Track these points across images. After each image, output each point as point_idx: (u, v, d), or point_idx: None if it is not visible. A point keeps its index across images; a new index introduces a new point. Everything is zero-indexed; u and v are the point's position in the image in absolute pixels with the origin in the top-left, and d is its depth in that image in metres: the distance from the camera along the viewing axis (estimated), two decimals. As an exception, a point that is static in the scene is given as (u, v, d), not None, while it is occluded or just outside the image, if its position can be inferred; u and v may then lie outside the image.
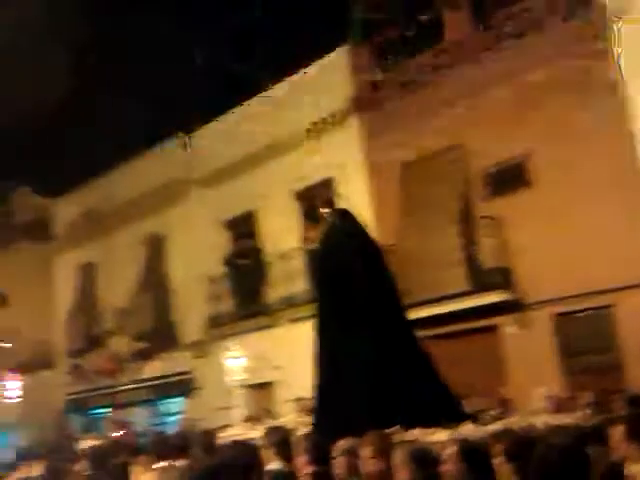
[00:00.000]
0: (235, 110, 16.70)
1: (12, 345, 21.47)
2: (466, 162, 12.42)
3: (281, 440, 5.80)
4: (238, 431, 8.34)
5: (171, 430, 13.63)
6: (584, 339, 11.27)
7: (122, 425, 17.02)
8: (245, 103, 16.44)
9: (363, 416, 6.60)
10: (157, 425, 17.57)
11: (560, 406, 9.29)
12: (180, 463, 6.02)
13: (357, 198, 13.96)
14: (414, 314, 12.15)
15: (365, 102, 13.88)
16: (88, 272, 20.78)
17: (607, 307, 10.91)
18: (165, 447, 6.48)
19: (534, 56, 11.60)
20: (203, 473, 4.71)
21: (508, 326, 11.73)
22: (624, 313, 10.62)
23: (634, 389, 9.71)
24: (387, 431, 5.71)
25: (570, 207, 11.09)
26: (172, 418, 17.57)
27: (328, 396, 7.59)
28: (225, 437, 7.91)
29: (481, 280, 11.80)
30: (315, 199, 15.07)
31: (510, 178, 11.89)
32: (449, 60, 12.56)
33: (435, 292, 11.88)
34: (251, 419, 12.42)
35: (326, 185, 14.80)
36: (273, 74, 15.73)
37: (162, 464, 6.15)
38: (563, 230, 11.14)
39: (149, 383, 17.71)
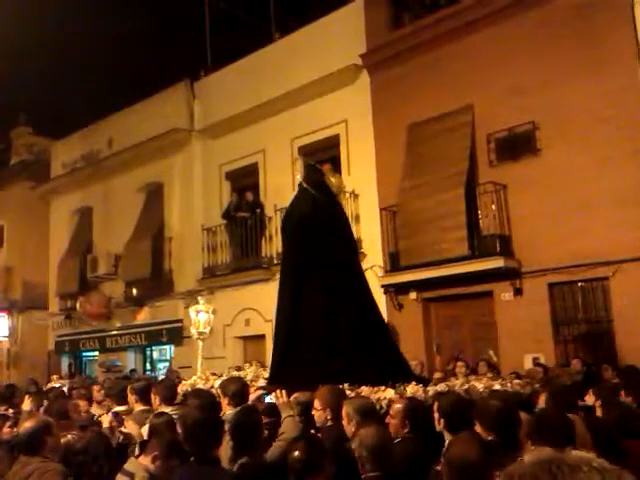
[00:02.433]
0: (244, 60, 16.49)
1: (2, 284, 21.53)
2: (474, 126, 12.35)
3: (236, 391, 5.95)
4: (200, 381, 8.45)
5: (159, 376, 13.80)
6: (578, 309, 11.38)
7: (109, 368, 17.21)
8: (254, 53, 16.24)
9: (316, 371, 6.88)
10: (146, 371, 17.74)
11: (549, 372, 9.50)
12: (139, 408, 6.17)
13: (362, 157, 13.94)
14: (413, 276, 12.33)
15: (377, 59, 13.71)
16: (85, 216, 20.70)
17: (603, 279, 10.98)
18: (123, 392, 6.61)
19: (555, 21, 11.51)
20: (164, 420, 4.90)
21: (504, 293, 11.79)
22: (619, 286, 10.70)
23: (624, 360, 9.87)
24: (338, 386, 5.97)
25: (574, 178, 11.08)
26: (162, 364, 17.73)
27: (284, 350, 7.86)
28: (187, 386, 8.06)
29: (480, 246, 11.83)
30: (319, 156, 15.01)
31: (518, 145, 11.86)
32: (465, 20, 12.40)
33: (435, 255, 11.90)
34: (241, 370, 12.59)
35: (331, 142, 14.70)
36: (284, 25, 15.53)
37: (121, 408, 6.25)
38: (565, 201, 11.16)
39: (140, 329, 17.76)
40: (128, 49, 22.26)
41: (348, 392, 6.12)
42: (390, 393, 6.28)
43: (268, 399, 6.27)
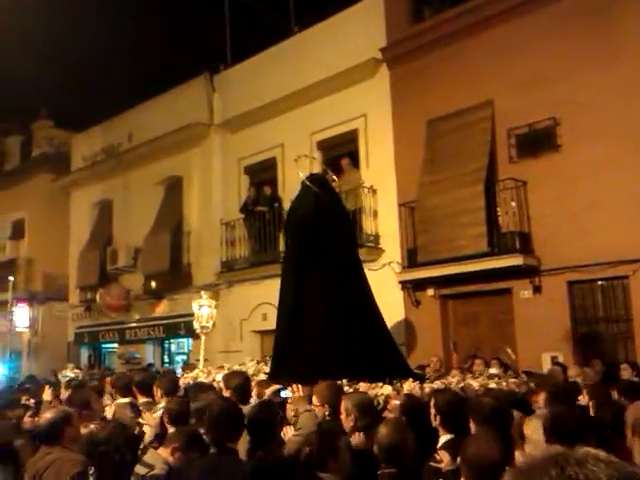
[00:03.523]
0: (263, 54, 16.45)
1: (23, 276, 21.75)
2: (494, 122, 12.22)
3: (239, 385, 6.00)
4: (202, 374, 8.58)
5: (175, 369, 13.88)
6: (598, 308, 11.25)
7: (128, 360, 17.35)
8: (274, 47, 16.20)
9: (315, 367, 7.02)
10: (164, 363, 17.87)
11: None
12: (142, 400, 6.32)
13: (381, 151, 13.87)
14: (431, 272, 12.26)
15: (397, 53, 13.61)
16: (105, 208, 20.83)
17: (623, 278, 10.84)
18: (128, 384, 6.74)
19: (577, 13, 11.34)
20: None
21: (523, 290, 11.69)
22: (639, 285, 10.55)
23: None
24: (336, 382, 6.09)
25: (594, 175, 10.93)
26: (180, 357, 17.83)
27: (284, 345, 8.05)
28: (189, 379, 8.17)
29: (500, 243, 11.73)
30: (338, 150, 15.00)
31: (538, 141, 11.71)
32: (486, 14, 12.25)
33: (453, 251, 11.82)
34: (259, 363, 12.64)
35: (350, 137, 14.65)
36: (304, 18, 15.46)
37: (123, 400, 6.31)
38: (586, 198, 11.02)
39: (159, 322, 17.87)
40: (148, 43, 22.33)
41: (346, 388, 6.29)
42: (387, 390, 6.49)
43: (284, 394, 6.31)
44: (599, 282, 11.16)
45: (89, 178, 21.13)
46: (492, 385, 7.15)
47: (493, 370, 9.63)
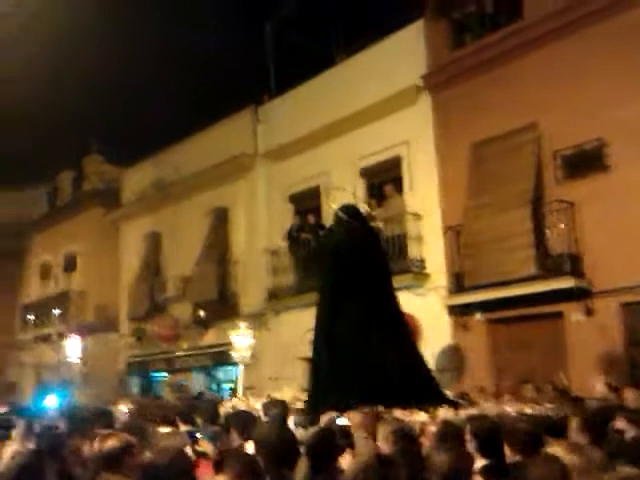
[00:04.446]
0: (306, 83, 16.68)
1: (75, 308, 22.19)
2: (540, 144, 12.12)
3: (278, 413, 6.03)
4: (242, 402, 8.65)
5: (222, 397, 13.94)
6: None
7: (178, 389, 17.49)
8: (317, 76, 16.40)
9: (351, 393, 7.13)
10: (213, 391, 17.93)
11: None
12: (184, 429, 6.32)
13: (425, 177, 13.86)
14: (479, 296, 12.12)
15: (438, 79, 13.67)
16: (154, 240, 21.21)
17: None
18: (169, 414, 6.81)
19: (621, 34, 11.23)
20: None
21: (574, 313, 11.45)
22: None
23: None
24: (373, 408, 6.23)
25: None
26: (227, 385, 17.89)
27: (321, 373, 8.23)
28: (229, 407, 8.23)
29: (549, 265, 11.55)
30: (381, 177, 15.05)
31: (585, 162, 11.56)
32: (528, 37, 12.23)
33: (501, 275, 11.68)
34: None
35: (393, 163, 14.68)
36: (346, 48, 15.67)
37: (166, 429, 6.35)
38: (635, 219, 10.79)
39: (207, 350, 18.01)
40: (193, 76, 22.90)
41: (382, 414, 6.29)
42: (423, 416, 6.62)
43: (339, 421, 6.30)
44: (653, 304, 10.86)
45: (138, 211, 21.62)
46: (528, 411, 7.09)
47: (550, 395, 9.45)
